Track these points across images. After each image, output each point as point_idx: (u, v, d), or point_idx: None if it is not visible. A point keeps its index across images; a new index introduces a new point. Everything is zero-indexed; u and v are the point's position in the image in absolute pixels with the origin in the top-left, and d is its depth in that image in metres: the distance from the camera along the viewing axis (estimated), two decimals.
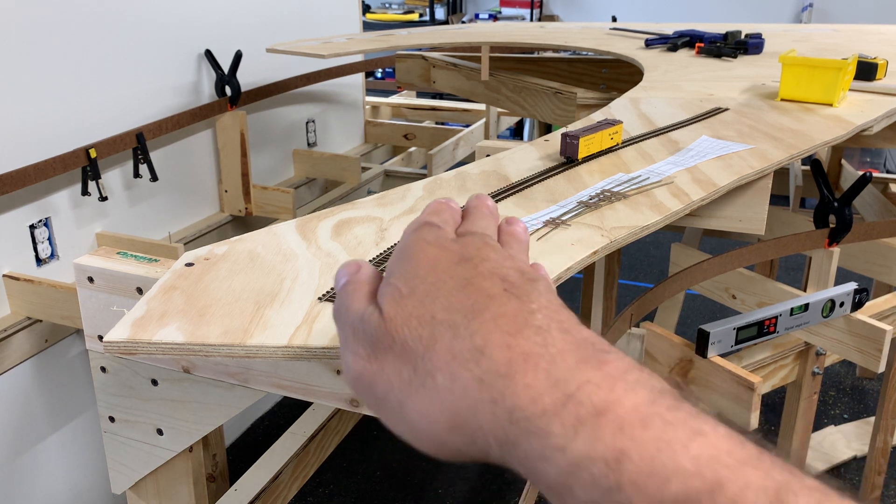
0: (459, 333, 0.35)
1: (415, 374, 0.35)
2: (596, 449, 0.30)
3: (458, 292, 0.36)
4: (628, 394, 0.31)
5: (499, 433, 0.33)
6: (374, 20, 5.62)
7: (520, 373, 0.33)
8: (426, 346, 0.35)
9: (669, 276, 1.40)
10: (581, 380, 0.32)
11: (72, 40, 1.55)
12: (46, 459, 1.64)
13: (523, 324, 0.34)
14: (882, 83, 1.50)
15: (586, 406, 0.31)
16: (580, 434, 0.30)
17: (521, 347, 0.33)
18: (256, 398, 0.88)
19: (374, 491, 2.08)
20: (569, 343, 0.34)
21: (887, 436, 1.82)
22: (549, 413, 0.31)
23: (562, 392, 0.31)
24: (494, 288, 0.36)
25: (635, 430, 0.30)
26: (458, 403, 0.34)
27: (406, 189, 0.94)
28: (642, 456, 0.29)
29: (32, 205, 1.53)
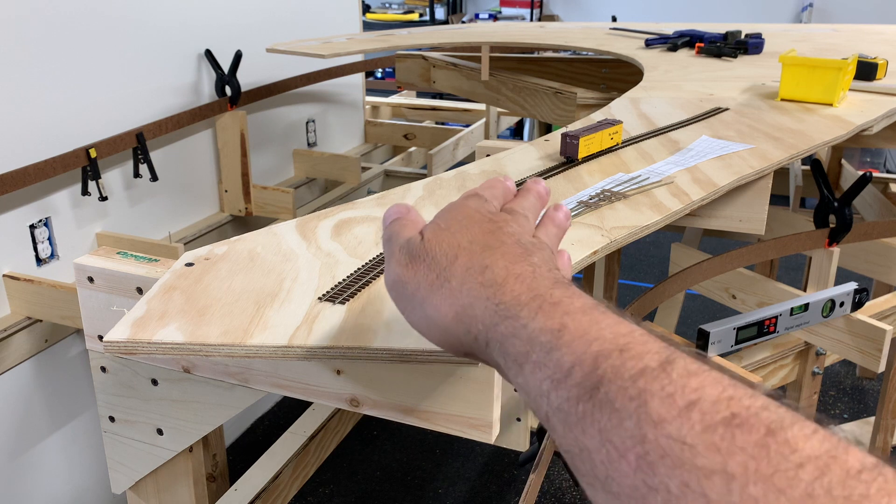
0: (475, 256, 0.48)
1: (437, 278, 0.49)
2: (546, 324, 0.42)
3: (481, 235, 0.50)
4: (580, 299, 0.44)
5: (487, 319, 0.46)
6: (374, 20, 5.62)
7: (510, 283, 0.46)
8: (450, 260, 0.49)
9: (669, 276, 1.40)
10: (549, 289, 0.45)
11: (72, 40, 1.55)
12: (46, 459, 1.64)
13: (521, 259, 0.48)
14: (882, 83, 1.50)
15: (547, 300, 0.44)
16: (538, 316, 0.43)
17: (515, 270, 0.47)
18: (256, 398, 0.88)
19: (374, 491, 2.08)
20: (551, 276, 0.46)
21: (887, 436, 1.82)
22: (521, 305, 0.44)
23: (534, 294, 0.45)
24: (508, 240, 0.50)
25: (576, 314, 0.42)
26: (463, 299, 0.47)
27: (406, 189, 0.94)
28: (577, 328, 0.41)
29: (32, 205, 1.53)
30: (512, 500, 2.06)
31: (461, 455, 2.21)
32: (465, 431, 0.72)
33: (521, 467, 2.10)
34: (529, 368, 0.42)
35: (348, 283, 0.70)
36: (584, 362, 0.39)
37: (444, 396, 0.72)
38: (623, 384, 0.37)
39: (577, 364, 0.39)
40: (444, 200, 0.90)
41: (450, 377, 0.71)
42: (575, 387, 0.39)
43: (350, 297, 0.67)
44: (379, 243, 0.79)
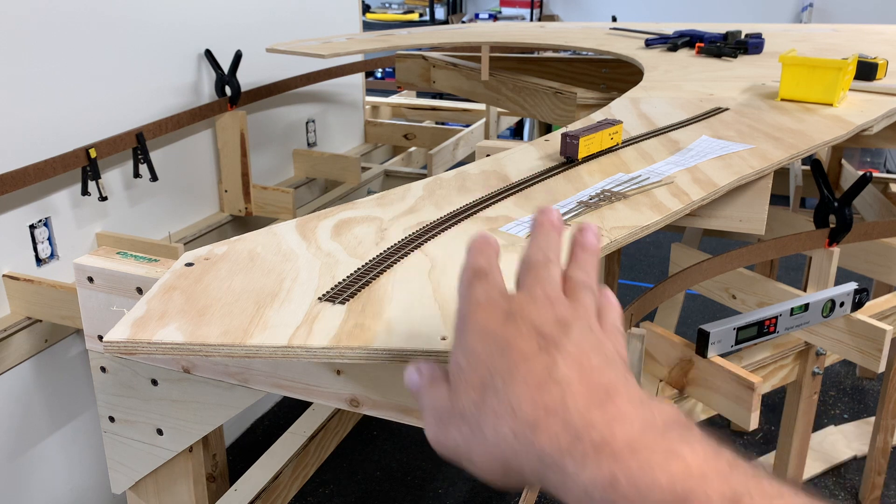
0: (499, 394, 0.43)
1: (471, 431, 0.44)
2: (596, 477, 0.38)
3: (499, 357, 0.44)
4: (622, 428, 0.40)
5: (534, 471, 0.42)
6: (374, 20, 5.62)
7: (542, 424, 0.41)
8: (477, 407, 0.44)
9: (669, 276, 1.40)
10: (587, 423, 0.40)
11: (72, 40, 1.55)
12: (46, 459, 1.64)
13: (546, 379, 0.42)
14: (882, 83, 1.50)
15: (588, 444, 0.39)
16: (585, 467, 0.39)
17: (542, 401, 0.42)
18: (256, 398, 0.88)
19: (374, 491, 2.08)
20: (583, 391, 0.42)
21: (887, 436, 1.82)
22: (563, 452, 0.40)
23: (573, 435, 0.40)
24: (529, 347, 0.44)
25: (625, 458, 0.38)
26: (503, 451, 0.43)
27: (406, 189, 0.94)
28: (629, 478, 0.37)
29: (32, 205, 1.53)
30: (512, 500, 2.06)
31: None
32: None
33: None
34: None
35: (348, 283, 0.70)
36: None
37: None
38: None
39: None
40: (444, 200, 0.90)
41: None
42: None
43: (350, 297, 0.67)
44: (379, 244, 0.79)
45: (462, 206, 0.89)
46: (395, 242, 0.79)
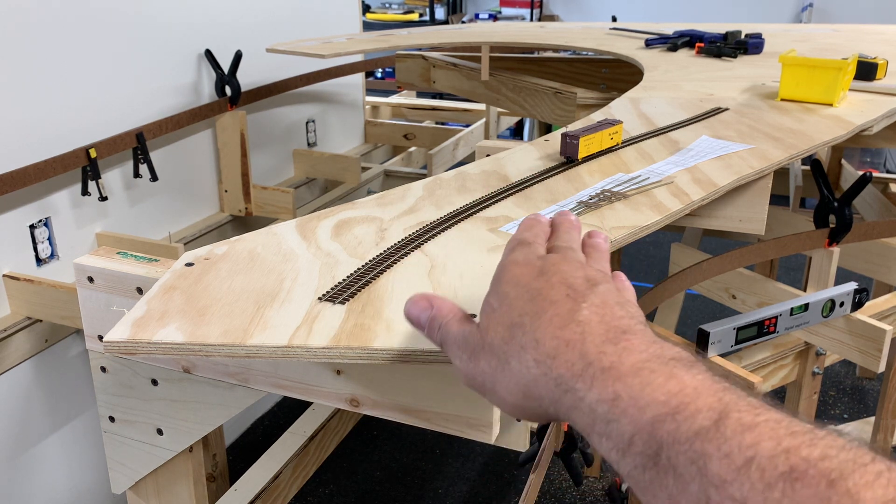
0: (526, 331, 0.48)
1: (498, 363, 0.49)
2: (601, 395, 0.42)
3: (529, 302, 0.49)
4: (629, 356, 0.43)
5: (551, 396, 0.46)
6: (374, 20, 5.62)
7: (561, 354, 0.46)
8: (505, 342, 0.49)
9: (669, 276, 1.40)
10: (599, 352, 0.44)
11: (72, 40, 1.55)
12: (46, 459, 1.64)
13: (569, 319, 0.47)
14: (882, 83, 1.50)
15: (597, 368, 0.44)
16: (593, 387, 0.43)
17: (564, 336, 0.46)
18: (256, 398, 0.88)
19: (374, 491, 2.08)
20: (601, 330, 0.46)
21: (887, 436, 1.82)
22: (576, 376, 0.44)
23: (586, 362, 0.44)
24: (558, 294, 0.49)
25: (627, 378, 0.42)
26: (526, 378, 0.47)
27: (406, 189, 0.94)
28: (629, 395, 0.41)
29: (32, 205, 1.53)
30: (512, 500, 2.06)
31: (461, 455, 2.21)
32: (464, 431, 0.72)
33: (521, 467, 2.10)
34: (596, 439, 0.43)
35: (348, 283, 0.70)
36: (643, 430, 0.40)
37: (444, 396, 0.72)
38: (681, 448, 0.38)
39: (637, 433, 0.40)
40: (444, 200, 0.90)
41: (449, 377, 0.71)
42: (639, 455, 0.40)
43: (350, 297, 0.67)
44: (379, 244, 0.79)
45: (462, 206, 0.89)
46: (395, 242, 0.79)
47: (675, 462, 0.38)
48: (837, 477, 0.33)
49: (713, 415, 0.38)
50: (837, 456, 0.34)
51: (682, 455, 0.37)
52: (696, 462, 0.37)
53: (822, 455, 0.34)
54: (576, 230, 0.57)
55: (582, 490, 2.08)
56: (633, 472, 0.40)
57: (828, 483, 0.33)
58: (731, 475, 0.35)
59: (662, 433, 0.39)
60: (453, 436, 0.76)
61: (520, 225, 0.58)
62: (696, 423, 0.38)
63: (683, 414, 0.39)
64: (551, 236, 0.57)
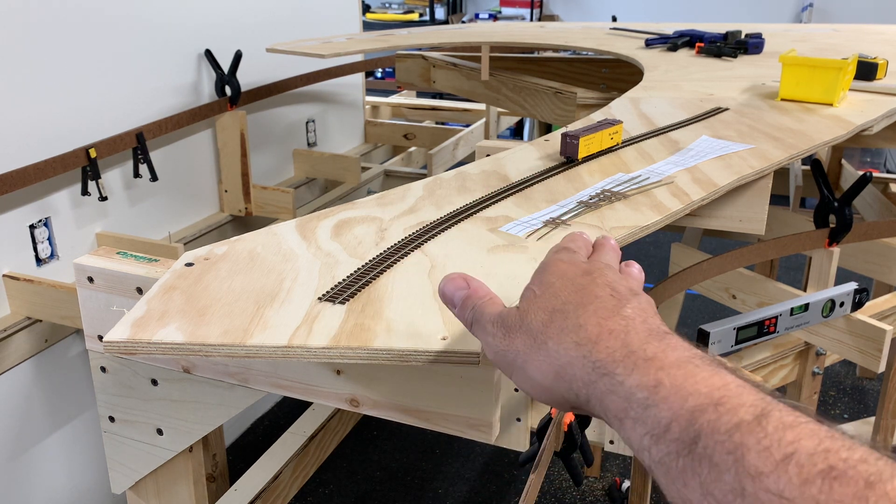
0: (568, 316, 0.49)
1: (534, 343, 0.50)
2: (642, 380, 0.43)
3: (574, 293, 0.51)
4: (674, 352, 0.44)
5: (585, 377, 0.46)
6: (374, 20, 5.62)
7: (603, 340, 0.47)
8: (545, 325, 0.50)
9: (669, 276, 1.40)
10: (643, 343, 0.46)
11: (72, 40, 1.55)
12: (46, 459, 1.64)
13: (614, 313, 0.49)
14: (882, 83, 1.50)
15: (640, 356, 0.45)
16: (634, 372, 0.44)
17: (608, 326, 0.48)
18: (256, 398, 0.88)
19: (374, 491, 2.08)
20: (644, 328, 0.47)
21: (887, 436, 1.82)
22: (616, 361, 0.45)
23: (628, 350, 0.45)
24: (602, 293, 0.50)
25: (671, 369, 0.43)
26: (561, 359, 0.48)
27: (406, 189, 0.94)
28: (672, 383, 0.42)
29: (32, 205, 1.53)
30: (512, 500, 2.06)
31: (461, 455, 2.21)
32: (465, 431, 0.72)
33: (521, 467, 2.10)
34: (629, 424, 0.43)
35: (348, 283, 0.70)
36: (681, 417, 0.40)
37: (444, 396, 0.72)
38: (720, 438, 0.38)
39: (675, 420, 0.40)
40: (444, 200, 0.90)
41: (449, 377, 0.71)
42: (674, 442, 0.40)
43: (350, 297, 0.67)
44: (379, 244, 0.79)
45: (462, 206, 0.89)
46: (395, 242, 0.79)
47: (712, 451, 0.38)
48: (876, 480, 0.33)
49: (755, 410, 0.38)
50: (876, 462, 0.34)
51: (719, 445, 0.38)
52: (734, 453, 0.37)
53: (861, 458, 0.34)
54: (616, 254, 0.59)
55: (582, 490, 2.08)
56: (665, 458, 0.40)
57: (866, 484, 0.33)
58: (768, 468, 0.35)
59: (702, 422, 0.39)
60: (453, 436, 0.76)
61: (564, 237, 0.59)
62: (737, 416, 0.38)
63: (725, 406, 0.39)
64: (592, 254, 0.58)
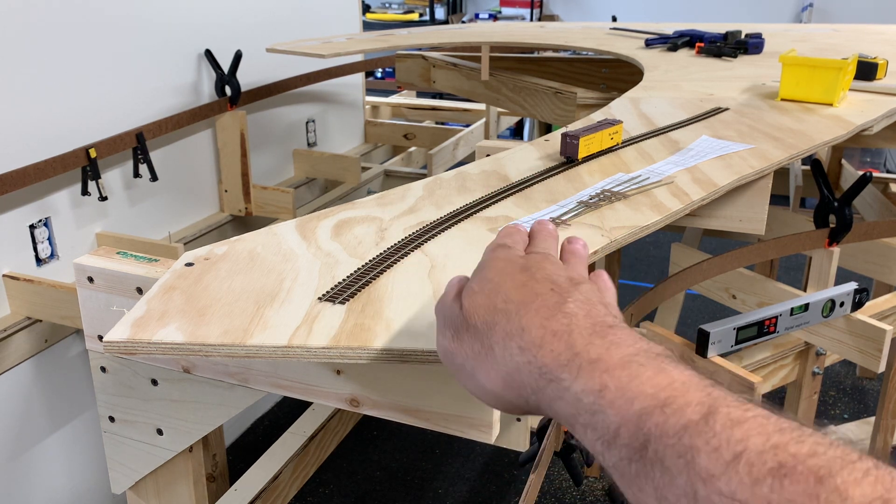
0: (511, 318, 0.48)
1: (482, 347, 0.49)
2: (587, 385, 0.42)
3: (515, 290, 0.49)
4: (618, 350, 0.43)
5: (533, 384, 0.45)
6: (374, 20, 5.62)
7: (547, 343, 0.45)
8: (489, 327, 0.48)
9: (669, 276, 1.40)
10: (586, 344, 0.44)
11: (72, 40, 1.55)
12: (46, 459, 1.64)
13: (556, 311, 0.47)
14: (882, 83, 1.50)
15: (584, 359, 0.43)
16: (579, 377, 0.43)
17: (551, 327, 0.46)
18: (256, 398, 0.88)
19: (374, 491, 2.08)
20: (587, 323, 0.46)
21: (887, 436, 1.82)
22: (561, 366, 0.44)
23: (572, 352, 0.44)
24: (543, 288, 0.49)
25: (615, 370, 0.42)
26: (508, 366, 0.47)
27: (406, 189, 0.94)
28: (617, 386, 0.41)
29: (32, 205, 1.53)
30: (512, 500, 2.06)
31: (461, 455, 2.21)
32: (465, 431, 0.72)
33: (521, 467, 2.10)
34: (580, 430, 0.43)
35: (348, 283, 0.70)
36: (629, 422, 0.39)
37: (444, 396, 0.72)
38: (669, 441, 0.37)
39: (623, 424, 0.40)
40: (444, 200, 0.90)
41: (450, 377, 0.71)
42: (625, 447, 0.39)
43: (350, 297, 0.67)
44: (379, 243, 0.79)
45: (462, 206, 0.89)
46: (395, 242, 0.79)
47: (663, 455, 0.37)
48: (826, 474, 0.32)
49: (702, 409, 0.38)
50: (825, 453, 0.34)
51: (669, 448, 0.37)
52: (684, 455, 0.36)
53: (810, 452, 0.34)
54: (553, 239, 0.57)
55: (582, 490, 2.08)
56: (618, 463, 0.40)
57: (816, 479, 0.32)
58: (719, 469, 0.35)
59: (650, 425, 0.38)
60: (453, 436, 0.76)
61: (499, 233, 0.57)
62: (684, 417, 0.38)
63: (672, 407, 0.38)
64: (529, 244, 0.56)
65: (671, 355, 0.43)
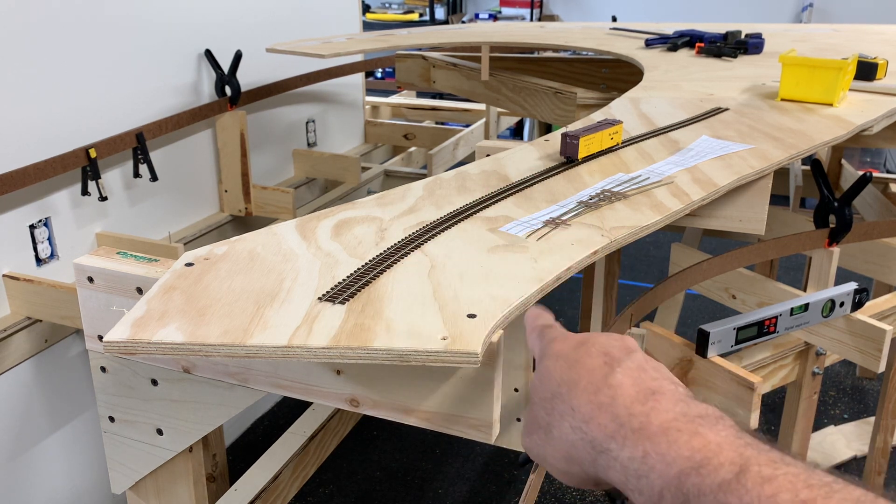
0: (564, 399, 0.52)
1: (545, 434, 0.54)
2: (632, 453, 0.46)
3: (567, 371, 0.54)
4: (658, 416, 0.47)
5: (587, 457, 0.50)
6: (374, 20, 5.62)
7: (595, 418, 0.50)
8: (548, 413, 0.53)
9: (669, 276, 1.40)
10: (629, 414, 0.48)
11: (72, 40, 1.55)
12: (46, 459, 1.64)
13: (603, 384, 0.51)
14: (882, 83, 1.50)
15: (628, 428, 0.48)
16: (625, 446, 0.47)
17: (597, 400, 0.50)
18: (256, 398, 0.88)
19: (374, 491, 2.08)
20: (632, 392, 0.50)
21: (887, 436, 1.82)
22: (608, 437, 0.48)
23: (617, 423, 0.48)
24: (595, 362, 0.53)
25: (656, 437, 0.46)
26: (566, 446, 0.52)
27: (406, 189, 0.94)
28: (658, 452, 0.45)
29: (32, 205, 1.53)
30: (512, 500, 2.06)
31: (461, 455, 2.21)
32: (465, 431, 0.73)
33: (521, 467, 2.10)
34: (631, 494, 0.47)
35: (348, 283, 0.70)
36: (671, 484, 0.43)
37: (444, 396, 0.72)
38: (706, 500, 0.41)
39: (665, 487, 0.44)
40: (444, 200, 0.90)
41: (450, 377, 0.71)
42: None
43: (350, 297, 0.67)
44: (379, 244, 0.79)
45: (462, 206, 0.89)
46: (395, 242, 0.79)
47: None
48: None
49: (734, 468, 0.41)
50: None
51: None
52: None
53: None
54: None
55: (582, 490, 2.08)
56: None
57: None
58: None
59: (689, 486, 0.42)
60: (453, 436, 0.76)
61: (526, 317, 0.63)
62: (718, 476, 0.41)
63: (707, 468, 0.42)
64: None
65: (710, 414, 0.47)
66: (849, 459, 2.20)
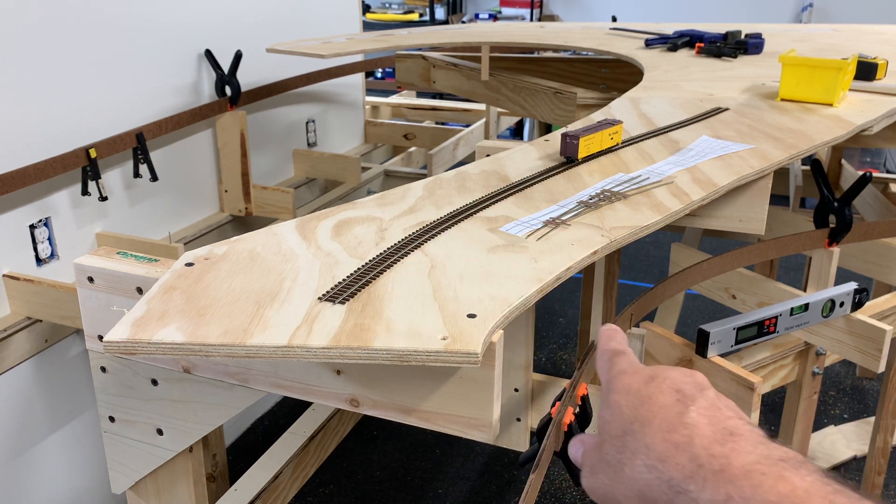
0: (636, 438, 0.51)
1: (614, 472, 0.52)
2: (714, 496, 0.45)
3: (639, 407, 0.52)
4: (739, 458, 0.46)
5: (665, 498, 0.48)
6: (374, 20, 5.62)
7: (671, 457, 0.48)
8: (619, 451, 0.52)
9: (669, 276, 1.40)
10: (709, 455, 0.47)
11: (72, 40, 1.55)
12: (46, 459, 1.64)
13: (678, 423, 0.50)
14: (882, 83, 1.50)
15: (708, 470, 0.46)
16: (705, 488, 0.46)
17: (673, 440, 0.49)
18: (256, 398, 0.88)
19: (374, 491, 2.08)
20: (709, 431, 0.49)
21: (887, 436, 1.82)
22: (687, 478, 0.47)
23: (696, 464, 0.47)
24: (668, 399, 0.51)
25: (739, 480, 0.44)
26: (639, 484, 0.50)
27: (406, 189, 0.94)
28: (742, 496, 0.44)
29: (32, 205, 1.53)
30: (512, 500, 2.06)
31: (461, 455, 2.21)
32: (465, 431, 0.73)
33: (521, 467, 2.09)
34: None
35: (348, 283, 0.70)
36: None
37: (444, 396, 0.72)
38: None
39: None
40: (444, 200, 0.90)
41: (450, 377, 0.71)
42: None
43: (350, 297, 0.67)
44: (379, 244, 0.79)
45: (462, 206, 0.89)
46: (395, 242, 0.79)
47: None
48: None
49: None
50: None
51: None
52: None
53: None
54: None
55: (582, 490, 2.08)
56: None
57: None
58: None
59: None
60: (453, 436, 0.77)
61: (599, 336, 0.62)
62: None
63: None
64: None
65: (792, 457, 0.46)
66: (849, 459, 2.20)
